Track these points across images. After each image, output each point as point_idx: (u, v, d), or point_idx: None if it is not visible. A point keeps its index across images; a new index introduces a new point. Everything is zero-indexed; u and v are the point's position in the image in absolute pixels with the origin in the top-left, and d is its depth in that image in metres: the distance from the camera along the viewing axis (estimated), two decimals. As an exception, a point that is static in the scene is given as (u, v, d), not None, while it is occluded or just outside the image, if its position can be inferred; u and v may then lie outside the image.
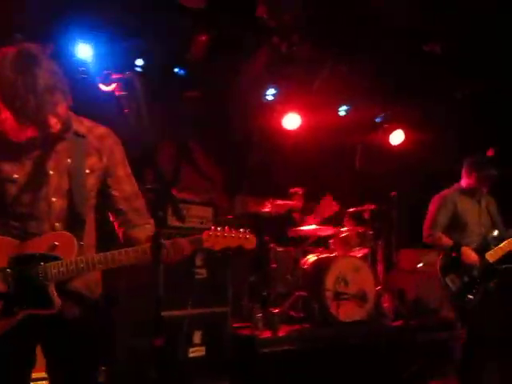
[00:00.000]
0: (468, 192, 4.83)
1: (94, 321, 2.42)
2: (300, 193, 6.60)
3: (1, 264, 2.22)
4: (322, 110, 7.29)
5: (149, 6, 5.51)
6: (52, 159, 2.31)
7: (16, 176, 2.26)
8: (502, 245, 4.65)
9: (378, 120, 7.69)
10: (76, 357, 2.34)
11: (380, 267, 6.46)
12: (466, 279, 4.62)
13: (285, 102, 7.14)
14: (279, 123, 7.14)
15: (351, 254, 6.20)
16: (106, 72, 2.32)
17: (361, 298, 5.76)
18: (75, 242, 2.29)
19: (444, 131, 7.50)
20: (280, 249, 6.21)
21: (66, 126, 2.32)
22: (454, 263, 4.66)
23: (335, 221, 6.51)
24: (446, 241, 4.71)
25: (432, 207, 4.86)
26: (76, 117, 2.42)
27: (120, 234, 2.50)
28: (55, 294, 2.24)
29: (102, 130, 2.45)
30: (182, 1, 5.83)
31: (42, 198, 2.29)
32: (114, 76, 2.33)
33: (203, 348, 4.72)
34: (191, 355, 4.63)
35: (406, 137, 7.72)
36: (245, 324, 5.44)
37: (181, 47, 6.21)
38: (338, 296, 5.62)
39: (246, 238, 2.42)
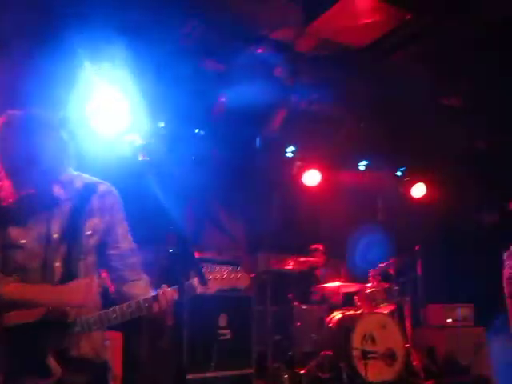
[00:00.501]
0: None
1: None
2: (321, 249, 6.56)
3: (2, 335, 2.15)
4: (342, 165, 7.34)
5: (171, 70, 5.70)
6: (55, 222, 2.28)
7: (23, 241, 2.22)
8: None
9: (398, 174, 7.69)
10: None
11: (408, 323, 6.30)
12: None
13: (304, 159, 7.21)
14: (300, 179, 7.18)
15: (377, 310, 6.08)
16: (129, 138, 2.34)
17: (389, 356, 5.60)
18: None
19: (466, 184, 7.46)
20: (304, 307, 6.12)
21: (70, 191, 2.32)
22: None
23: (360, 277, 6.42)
24: None
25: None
26: (79, 175, 2.40)
27: (112, 290, 2.43)
28: (53, 362, 2.16)
29: (103, 187, 2.41)
30: (204, 64, 6.03)
31: (47, 264, 2.24)
32: (138, 142, 2.35)
33: (229, 412, 4.62)
34: (217, 420, 4.53)
35: (427, 189, 7.68)
36: (270, 385, 5.33)
37: (201, 109, 6.37)
38: (365, 355, 5.48)
39: (237, 279, 2.40)
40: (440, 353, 6.62)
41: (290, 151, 7.07)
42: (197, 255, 2.25)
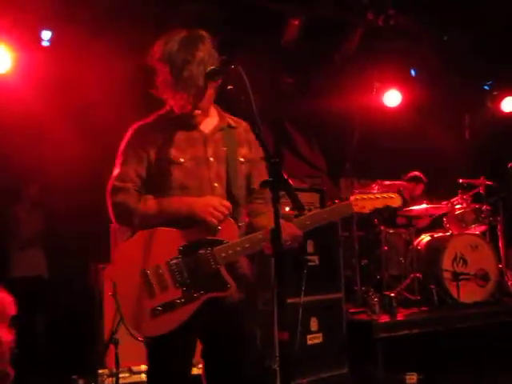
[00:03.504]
0: None
1: (254, 305, 2.49)
2: (420, 176, 6.34)
3: (172, 254, 2.30)
4: (424, 83, 6.96)
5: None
6: (211, 147, 2.40)
7: (182, 160, 2.35)
8: None
9: (486, 87, 7.22)
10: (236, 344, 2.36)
11: (500, 243, 6.08)
12: None
13: (384, 79, 6.89)
14: (380, 101, 6.90)
15: (468, 231, 5.89)
16: (210, 68, 2.31)
17: (482, 277, 5.47)
18: (235, 224, 2.35)
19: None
20: (391, 231, 6.03)
21: (221, 120, 2.44)
22: None
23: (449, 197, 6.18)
24: None
25: None
26: (223, 111, 2.50)
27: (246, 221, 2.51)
28: (228, 276, 2.30)
29: (246, 123, 2.49)
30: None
31: (206, 182, 2.36)
32: (219, 70, 2.31)
33: (320, 335, 4.67)
34: (309, 342, 4.60)
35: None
36: (360, 309, 5.34)
37: (275, 32, 6.17)
38: (457, 276, 5.37)
39: (391, 198, 2.47)
40: (536, 272, 6.39)
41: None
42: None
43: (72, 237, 5.40)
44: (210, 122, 2.44)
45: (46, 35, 5.15)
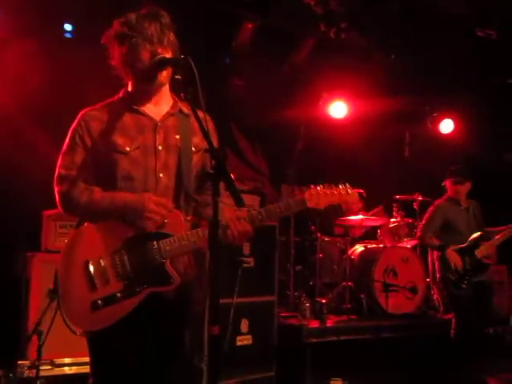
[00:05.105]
0: (454, 200, 5.04)
1: (190, 302, 2.38)
2: (363, 195, 6.45)
3: (116, 247, 2.23)
4: (370, 97, 7.14)
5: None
6: (161, 135, 2.32)
7: (127, 148, 2.27)
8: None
9: (427, 108, 7.49)
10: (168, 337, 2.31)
11: (430, 258, 6.28)
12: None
13: (331, 91, 7.02)
14: (326, 112, 7.02)
15: (400, 244, 6.06)
16: (158, 57, 2.28)
17: (410, 289, 5.64)
18: (182, 217, 2.28)
19: (496, 119, 7.26)
20: (327, 239, 6.13)
21: (174, 107, 2.37)
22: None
23: (384, 212, 6.35)
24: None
25: (427, 214, 5.17)
26: (179, 99, 2.42)
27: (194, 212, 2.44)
28: (173, 270, 2.24)
29: (202, 113, 2.39)
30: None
31: (151, 173, 2.28)
32: (168, 59, 2.29)
33: (250, 337, 4.68)
34: (238, 343, 4.60)
35: (456, 125, 7.49)
36: (291, 313, 5.40)
37: (227, 35, 6.18)
38: (386, 287, 5.51)
39: (347, 194, 2.40)
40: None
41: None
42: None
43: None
44: (162, 109, 2.38)
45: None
